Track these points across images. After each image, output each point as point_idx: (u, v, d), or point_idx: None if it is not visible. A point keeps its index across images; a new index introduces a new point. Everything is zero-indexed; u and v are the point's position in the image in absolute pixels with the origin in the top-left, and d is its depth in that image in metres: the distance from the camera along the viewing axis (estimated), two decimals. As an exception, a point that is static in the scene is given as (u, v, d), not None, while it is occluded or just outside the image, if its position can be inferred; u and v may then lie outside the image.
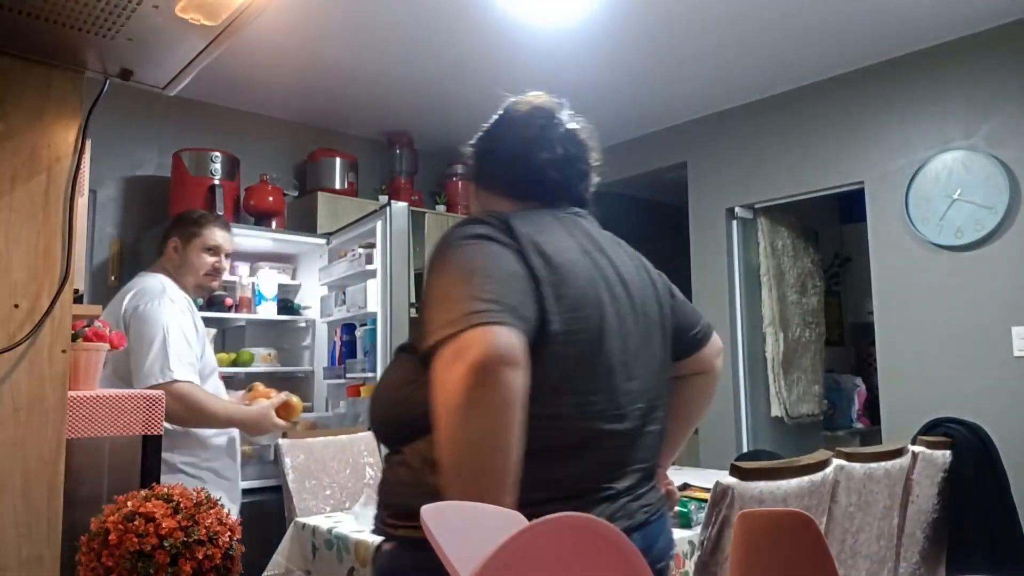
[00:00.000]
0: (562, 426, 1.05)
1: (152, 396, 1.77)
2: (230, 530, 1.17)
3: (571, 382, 1.05)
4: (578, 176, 1.29)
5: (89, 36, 1.31)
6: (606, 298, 1.12)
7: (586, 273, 1.10)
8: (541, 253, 1.05)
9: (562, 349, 1.03)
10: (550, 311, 1.01)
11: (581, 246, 1.15)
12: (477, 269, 0.99)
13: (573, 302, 1.05)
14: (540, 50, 3.52)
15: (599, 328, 1.08)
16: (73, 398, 1.60)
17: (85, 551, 1.13)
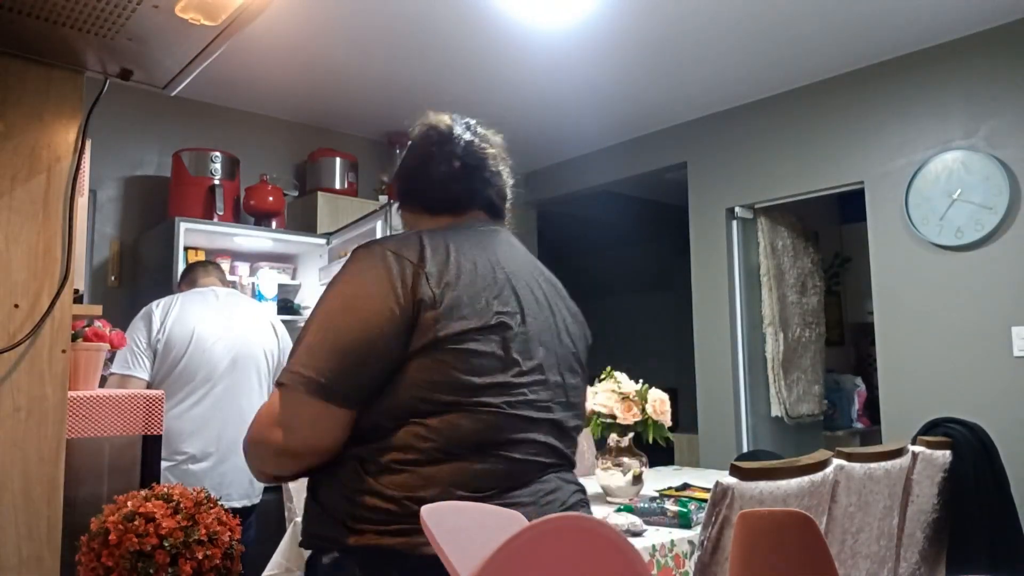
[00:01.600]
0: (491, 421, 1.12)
1: (152, 396, 1.77)
2: (230, 530, 1.17)
3: (481, 376, 1.12)
4: (481, 184, 1.37)
5: (89, 36, 1.31)
6: (517, 300, 1.20)
7: (494, 278, 1.19)
8: (447, 264, 1.15)
9: (468, 349, 1.11)
10: (438, 321, 1.10)
11: (489, 254, 1.23)
12: (339, 327, 1.10)
13: (466, 310, 1.13)
14: (540, 50, 3.52)
15: (506, 325, 1.16)
16: (73, 398, 1.60)
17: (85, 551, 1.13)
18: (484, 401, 1.10)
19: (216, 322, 2.48)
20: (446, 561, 0.59)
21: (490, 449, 1.10)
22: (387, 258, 1.13)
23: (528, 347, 1.17)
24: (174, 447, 2.32)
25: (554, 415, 1.20)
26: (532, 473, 1.15)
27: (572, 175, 5.25)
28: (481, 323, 1.12)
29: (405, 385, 1.09)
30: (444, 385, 1.08)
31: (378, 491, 1.06)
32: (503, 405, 1.11)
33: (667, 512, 2.00)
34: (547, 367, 1.20)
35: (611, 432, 2.39)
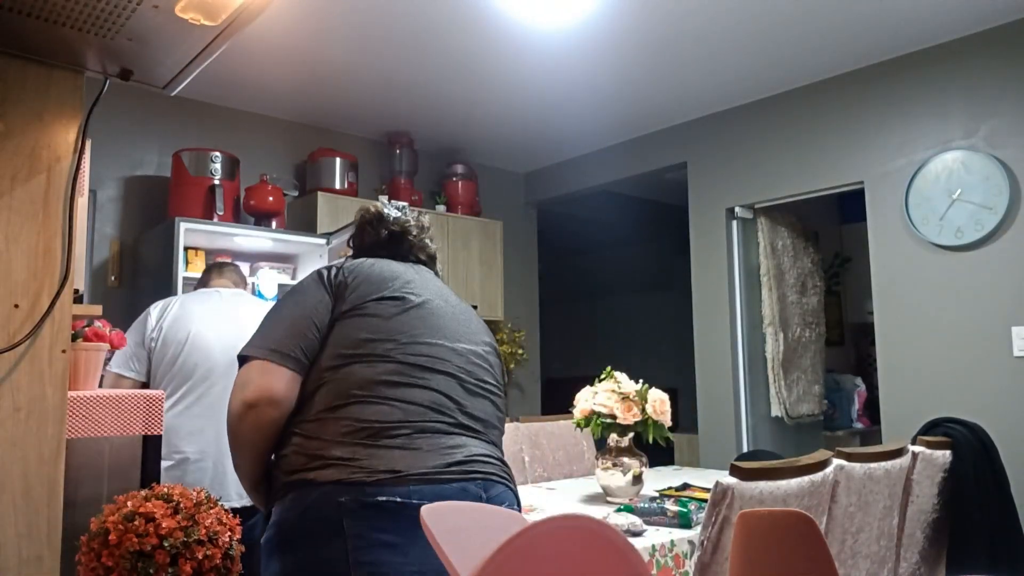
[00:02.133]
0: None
1: (152, 396, 1.77)
2: (230, 530, 1.18)
3: (384, 332, 1.46)
4: (407, 249, 1.69)
5: (89, 36, 1.31)
6: (404, 288, 1.53)
7: (401, 274, 1.56)
8: (357, 267, 1.53)
9: (371, 312, 1.46)
10: (354, 294, 1.47)
11: (404, 270, 1.58)
12: (285, 315, 1.46)
13: (383, 285, 1.50)
14: (540, 50, 3.52)
15: (406, 299, 1.50)
16: (73, 398, 1.60)
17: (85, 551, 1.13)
18: (376, 353, 1.39)
19: (215, 322, 2.47)
20: (446, 561, 0.59)
21: (383, 391, 1.36)
22: (320, 272, 1.51)
23: (429, 318, 1.48)
24: (173, 446, 2.32)
25: (452, 371, 1.44)
26: (431, 423, 1.37)
27: (572, 175, 5.25)
28: (380, 295, 1.46)
29: (324, 348, 1.41)
30: (347, 340, 1.40)
31: (302, 438, 1.34)
32: (396, 354, 1.40)
33: (667, 512, 2.00)
34: (449, 340, 1.48)
35: (611, 432, 2.39)
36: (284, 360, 1.36)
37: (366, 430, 1.31)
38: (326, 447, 1.30)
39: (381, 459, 1.28)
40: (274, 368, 1.35)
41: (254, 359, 1.37)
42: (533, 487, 2.74)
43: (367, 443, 1.30)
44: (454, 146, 4.99)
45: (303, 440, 1.34)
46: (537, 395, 5.48)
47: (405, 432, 1.32)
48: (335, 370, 1.38)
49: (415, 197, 4.61)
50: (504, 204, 5.38)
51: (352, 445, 1.30)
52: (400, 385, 1.37)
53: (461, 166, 4.95)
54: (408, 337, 1.43)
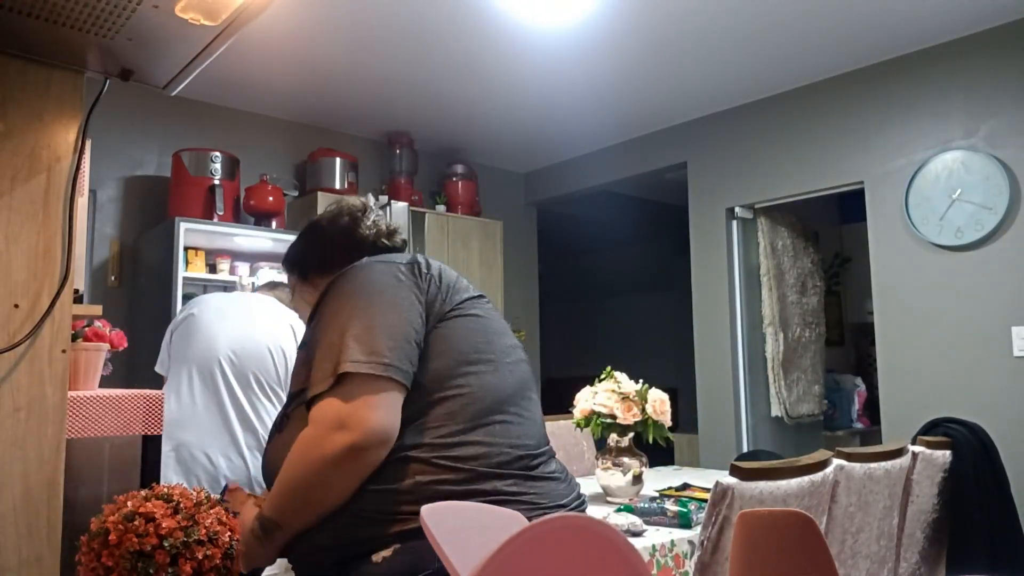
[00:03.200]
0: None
1: (152, 396, 1.77)
2: (230, 530, 1.17)
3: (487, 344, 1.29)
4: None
5: (89, 36, 1.31)
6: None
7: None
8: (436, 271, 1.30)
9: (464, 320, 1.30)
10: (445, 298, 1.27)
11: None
12: (368, 314, 1.14)
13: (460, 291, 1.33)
14: (540, 50, 3.52)
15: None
16: (73, 398, 1.60)
17: (85, 551, 1.13)
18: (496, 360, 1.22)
19: (228, 317, 2.45)
20: (446, 561, 0.59)
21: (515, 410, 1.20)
22: (387, 266, 1.24)
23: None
24: (171, 434, 2.31)
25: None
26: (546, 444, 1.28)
27: (572, 175, 5.25)
28: (469, 294, 1.28)
29: (431, 357, 1.15)
30: (468, 346, 1.19)
31: (421, 492, 1.07)
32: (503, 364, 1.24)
33: (667, 512, 2.00)
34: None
35: (611, 432, 2.39)
36: (405, 378, 1.09)
37: (523, 458, 1.12)
38: (477, 479, 1.07)
39: (545, 493, 1.11)
40: (381, 392, 1.06)
41: (366, 379, 1.06)
42: (533, 487, 2.73)
43: (527, 473, 1.12)
44: (454, 146, 4.99)
45: (429, 470, 1.08)
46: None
47: (544, 456, 1.18)
48: (462, 380, 1.15)
49: (415, 197, 4.61)
50: (504, 204, 5.38)
51: (512, 477, 1.10)
52: (525, 398, 1.21)
53: (461, 166, 4.95)
54: (501, 343, 1.24)
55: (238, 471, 2.28)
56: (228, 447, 2.29)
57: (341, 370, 1.07)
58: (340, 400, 1.07)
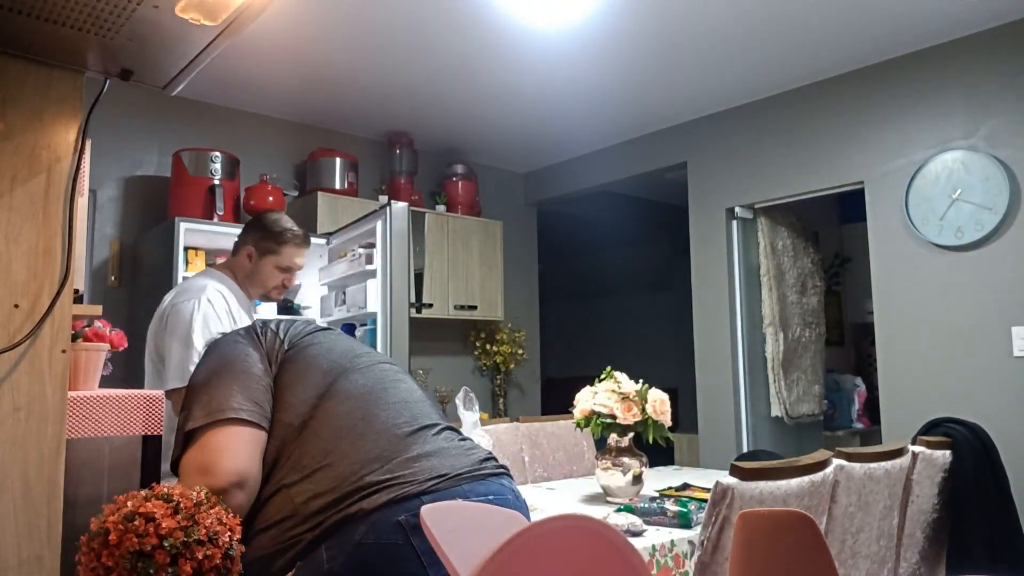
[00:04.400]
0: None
1: (152, 396, 1.77)
2: (230, 530, 1.17)
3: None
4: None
5: (89, 36, 1.31)
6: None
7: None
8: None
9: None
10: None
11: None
12: (228, 372, 1.27)
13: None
14: (540, 51, 3.52)
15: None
16: (73, 398, 1.60)
17: (85, 551, 1.13)
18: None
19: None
20: (446, 561, 0.59)
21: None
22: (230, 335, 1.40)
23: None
24: None
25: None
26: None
27: (572, 175, 5.25)
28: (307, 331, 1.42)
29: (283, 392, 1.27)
30: (313, 372, 1.30)
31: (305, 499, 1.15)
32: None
33: (667, 512, 2.00)
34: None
35: (611, 432, 2.39)
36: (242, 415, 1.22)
37: (390, 449, 1.20)
38: (347, 479, 1.15)
39: (423, 469, 1.18)
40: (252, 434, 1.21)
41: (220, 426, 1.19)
42: (533, 487, 2.74)
43: (400, 459, 1.18)
44: (454, 146, 4.99)
45: (303, 490, 1.17)
46: (537, 395, 5.48)
47: (423, 433, 1.25)
48: (316, 402, 1.26)
49: (415, 197, 4.61)
50: (504, 204, 5.39)
51: (381, 468, 1.17)
52: (388, 389, 1.33)
53: (461, 166, 4.95)
54: (346, 356, 1.38)
55: None
56: None
57: (187, 428, 1.18)
58: (196, 451, 1.18)
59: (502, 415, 4.99)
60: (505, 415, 4.98)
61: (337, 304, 3.83)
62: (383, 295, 3.42)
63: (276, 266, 2.24)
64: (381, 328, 3.40)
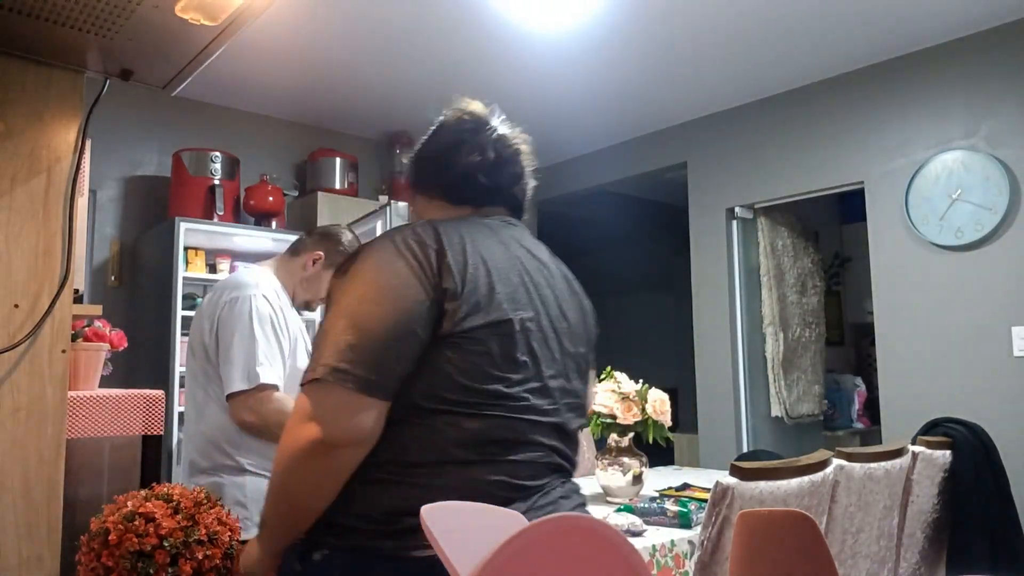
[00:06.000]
0: (498, 423, 1.09)
1: (152, 396, 1.77)
2: (230, 530, 1.17)
3: (493, 376, 1.08)
4: (510, 180, 1.30)
5: (89, 36, 1.31)
6: (532, 298, 1.16)
7: (510, 274, 1.14)
8: (464, 254, 1.11)
9: (482, 345, 1.08)
10: (463, 311, 1.07)
11: (508, 250, 1.18)
12: (366, 315, 1.05)
13: (494, 300, 1.10)
14: (540, 51, 3.52)
15: (521, 324, 1.12)
16: (73, 398, 1.60)
17: (85, 551, 1.13)
18: (487, 403, 1.07)
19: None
20: (446, 561, 0.59)
21: (493, 453, 1.07)
22: (409, 246, 1.09)
23: (536, 348, 1.13)
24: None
25: (558, 419, 1.16)
26: (532, 479, 1.11)
27: (572, 175, 5.25)
28: (492, 319, 1.08)
29: (412, 380, 1.05)
30: (449, 383, 1.05)
31: (371, 503, 1.05)
32: (506, 407, 1.08)
33: (667, 512, 2.00)
34: (555, 371, 1.16)
35: (611, 432, 2.39)
36: (383, 393, 1.04)
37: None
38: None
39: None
40: (371, 403, 1.03)
41: (338, 386, 1.02)
42: (533, 487, 2.74)
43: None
44: (454, 146, 4.98)
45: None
46: (537, 395, 5.47)
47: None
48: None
49: (415, 197, 4.60)
50: (504, 204, 5.38)
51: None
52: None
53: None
54: (513, 381, 1.13)
55: None
56: None
57: (318, 375, 1.02)
58: (309, 399, 1.04)
59: (502, 415, 4.99)
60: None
61: (337, 304, 3.83)
62: (383, 295, 3.41)
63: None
64: (381, 328, 3.40)
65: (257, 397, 1.81)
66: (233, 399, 1.82)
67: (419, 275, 1.06)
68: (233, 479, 1.83)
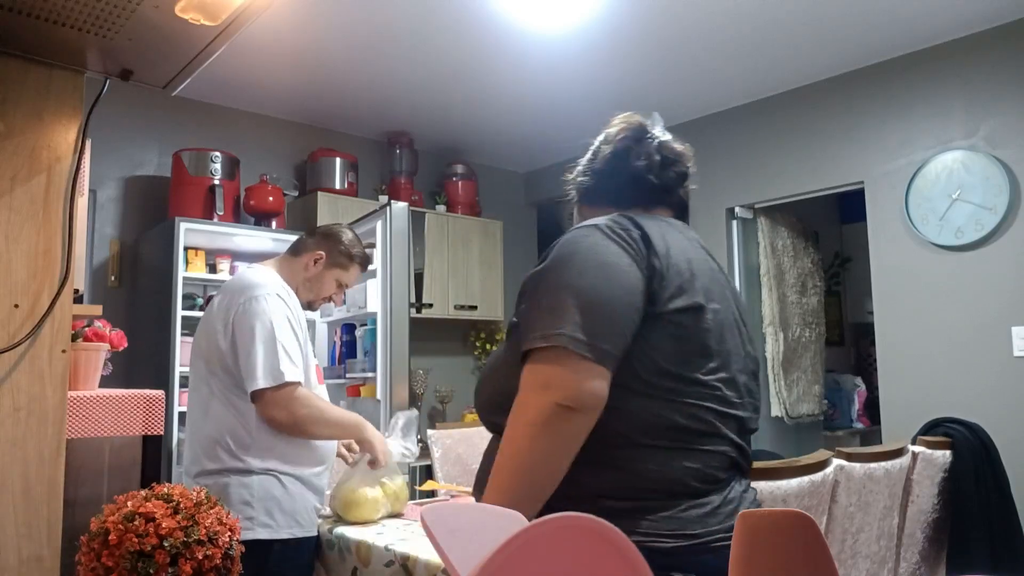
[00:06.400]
0: (693, 412, 1.09)
1: (152, 396, 1.77)
2: (230, 530, 1.17)
3: (691, 362, 1.10)
4: (676, 180, 1.33)
5: (89, 36, 1.31)
6: (721, 293, 1.19)
7: (701, 265, 1.18)
8: (663, 239, 1.14)
9: (683, 329, 1.10)
10: (668, 291, 1.10)
11: (692, 245, 1.21)
12: (589, 287, 1.07)
13: (694, 284, 1.12)
14: (540, 51, 3.52)
15: (714, 313, 1.14)
16: (73, 398, 1.60)
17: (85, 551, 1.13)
18: (683, 388, 1.08)
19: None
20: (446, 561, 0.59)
21: (686, 440, 1.08)
22: (615, 231, 1.13)
23: (728, 340, 1.15)
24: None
25: (743, 413, 1.17)
26: (722, 472, 1.12)
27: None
28: (694, 302, 1.10)
29: (639, 354, 1.07)
30: (651, 365, 1.07)
31: (576, 482, 1.05)
32: (700, 395, 1.09)
33: (667, 512, 2.00)
34: (740, 366, 1.18)
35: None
36: (608, 360, 1.04)
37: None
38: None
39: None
40: (600, 371, 1.03)
41: (570, 352, 1.03)
42: (533, 487, 2.74)
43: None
44: (454, 146, 4.99)
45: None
46: (537, 395, 5.47)
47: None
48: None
49: (415, 197, 4.61)
50: (504, 204, 5.38)
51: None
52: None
53: (461, 166, 4.95)
54: (709, 368, 1.15)
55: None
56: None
57: (553, 342, 1.03)
58: (544, 359, 1.04)
59: (502, 415, 4.99)
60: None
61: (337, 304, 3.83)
62: (383, 295, 3.42)
63: (337, 280, 2.22)
64: (381, 328, 3.40)
65: (285, 394, 1.83)
66: (260, 398, 1.82)
67: (632, 254, 1.10)
68: (240, 479, 1.83)
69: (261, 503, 1.83)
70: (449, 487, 2.49)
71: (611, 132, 1.41)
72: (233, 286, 1.99)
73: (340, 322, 3.84)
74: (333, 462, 2.11)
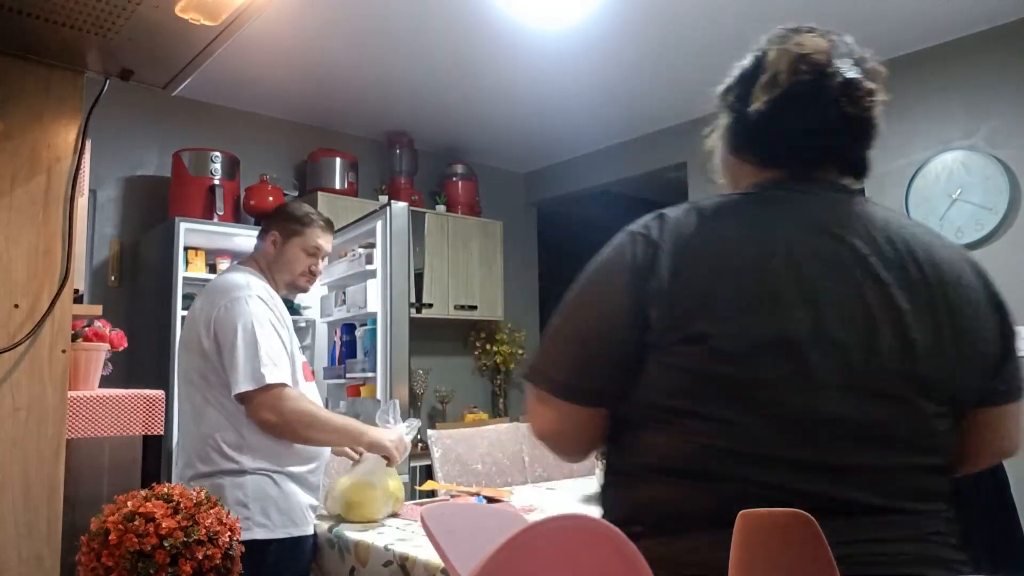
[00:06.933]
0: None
1: (152, 396, 1.77)
2: (230, 530, 1.18)
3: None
4: (852, 139, 1.01)
5: (89, 36, 1.31)
6: (792, 298, 0.88)
7: (756, 272, 0.91)
8: (691, 260, 0.93)
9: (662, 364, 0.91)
10: (660, 321, 0.90)
11: (776, 245, 0.93)
12: (568, 314, 0.98)
13: (716, 315, 0.88)
14: (540, 51, 3.52)
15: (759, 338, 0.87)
16: (73, 398, 1.60)
17: (85, 551, 1.13)
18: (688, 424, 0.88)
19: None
20: (446, 561, 0.59)
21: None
22: (635, 242, 0.96)
23: (758, 369, 0.86)
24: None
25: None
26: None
27: (572, 175, 5.25)
28: (697, 331, 0.87)
29: (641, 387, 0.92)
30: (645, 400, 0.92)
31: (607, 505, 1.00)
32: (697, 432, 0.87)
33: (667, 512, 2.00)
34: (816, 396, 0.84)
35: (611, 432, 2.38)
36: (584, 398, 0.99)
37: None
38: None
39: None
40: (572, 410, 0.98)
41: (541, 390, 1.00)
42: (533, 487, 2.74)
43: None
44: (454, 146, 4.99)
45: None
46: (537, 395, 5.47)
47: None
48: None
49: (415, 197, 4.61)
50: (504, 204, 5.38)
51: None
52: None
53: (461, 166, 4.95)
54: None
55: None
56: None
57: (529, 374, 1.00)
58: (531, 391, 1.00)
59: (502, 415, 4.99)
60: (505, 415, 4.98)
61: (337, 304, 3.83)
62: (383, 295, 3.42)
63: (302, 248, 2.19)
64: (381, 328, 3.40)
65: (272, 396, 1.82)
66: (248, 400, 1.82)
67: (630, 276, 0.92)
68: (234, 480, 1.83)
69: (257, 503, 1.83)
70: (449, 487, 2.49)
71: (779, 64, 1.05)
72: (215, 289, 2.00)
73: (340, 322, 3.84)
74: (327, 459, 2.11)
